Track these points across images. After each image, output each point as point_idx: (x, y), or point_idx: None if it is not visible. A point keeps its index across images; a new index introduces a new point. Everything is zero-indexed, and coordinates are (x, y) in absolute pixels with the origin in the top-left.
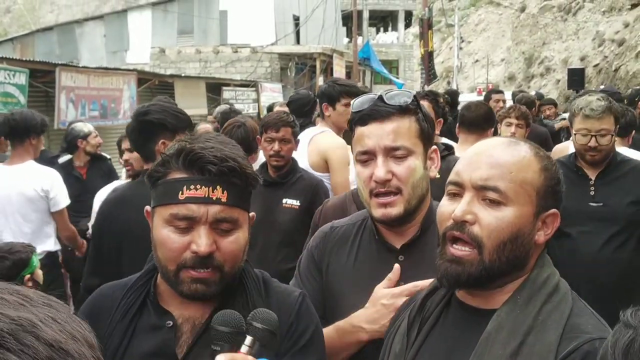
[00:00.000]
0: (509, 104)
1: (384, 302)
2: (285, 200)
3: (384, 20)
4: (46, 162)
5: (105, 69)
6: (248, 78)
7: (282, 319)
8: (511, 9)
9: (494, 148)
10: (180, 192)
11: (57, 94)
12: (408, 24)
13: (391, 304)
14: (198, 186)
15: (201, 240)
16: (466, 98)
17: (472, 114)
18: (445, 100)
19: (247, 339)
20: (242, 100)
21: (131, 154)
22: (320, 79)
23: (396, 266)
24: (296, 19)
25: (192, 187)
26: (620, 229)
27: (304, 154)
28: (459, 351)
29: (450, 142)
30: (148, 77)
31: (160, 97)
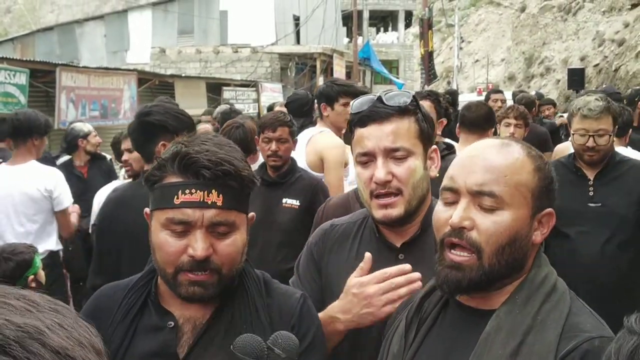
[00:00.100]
0: (509, 104)
1: (354, 291)
2: (285, 200)
3: (384, 20)
4: (46, 163)
5: (106, 69)
6: (248, 78)
7: (284, 321)
8: (511, 9)
9: (486, 151)
10: (176, 196)
11: (57, 94)
12: (408, 24)
13: (360, 292)
14: (193, 190)
15: (197, 244)
16: (466, 98)
17: (473, 114)
18: (447, 101)
19: None
20: (243, 100)
21: (130, 155)
22: (321, 79)
23: (367, 255)
24: (296, 19)
25: (187, 191)
26: (619, 229)
27: (302, 153)
28: (457, 352)
29: (452, 142)
30: (148, 77)
31: (162, 97)
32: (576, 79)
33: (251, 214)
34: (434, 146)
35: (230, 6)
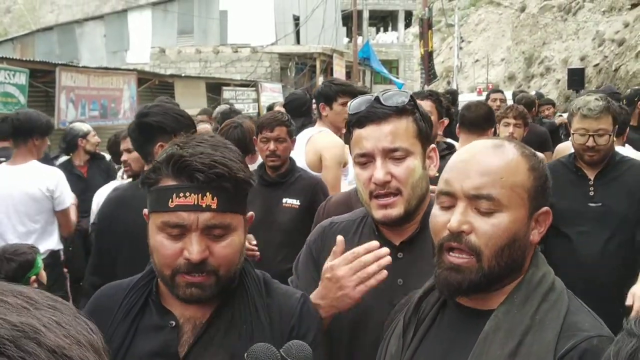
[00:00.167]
0: (509, 104)
1: (327, 275)
2: (285, 200)
3: (384, 20)
4: (45, 163)
5: (106, 69)
6: (248, 78)
7: (284, 321)
8: (511, 8)
9: (481, 153)
10: (170, 199)
11: (57, 94)
12: (408, 23)
13: (332, 275)
14: (187, 194)
15: (192, 247)
16: (466, 98)
17: (472, 114)
18: (448, 100)
19: None
20: (242, 100)
21: (129, 155)
22: (320, 79)
23: (339, 238)
24: (296, 19)
25: (181, 194)
26: (620, 229)
27: (301, 153)
28: (456, 352)
29: (453, 142)
30: (148, 77)
31: (163, 97)
32: (576, 78)
33: (250, 214)
34: (432, 145)
35: (230, 6)
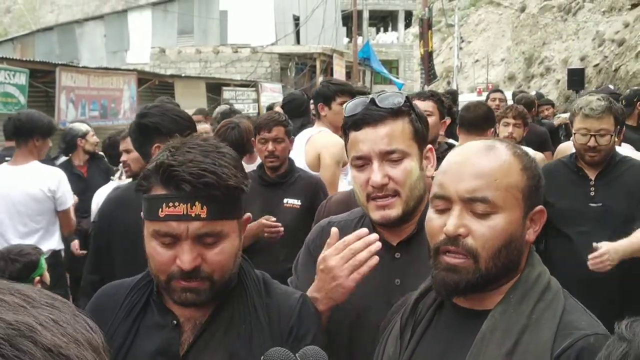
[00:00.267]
0: (509, 104)
1: (321, 267)
2: (286, 200)
3: (384, 20)
4: (46, 164)
5: (106, 69)
6: (248, 78)
7: (283, 321)
8: (511, 9)
9: (473, 156)
10: (160, 209)
11: (57, 94)
12: (408, 24)
13: (325, 267)
14: (177, 203)
15: (184, 256)
16: (466, 98)
17: (471, 114)
18: (449, 100)
19: None
20: (242, 100)
21: (128, 155)
22: (320, 79)
23: (334, 230)
24: (296, 19)
25: (170, 204)
26: (620, 229)
27: (301, 153)
28: (453, 353)
29: (454, 142)
30: (148, 77)
31: (163, 97)
32: (576, 79)
33: (247, 215)
34: (429, 145)
35: (230, 6)
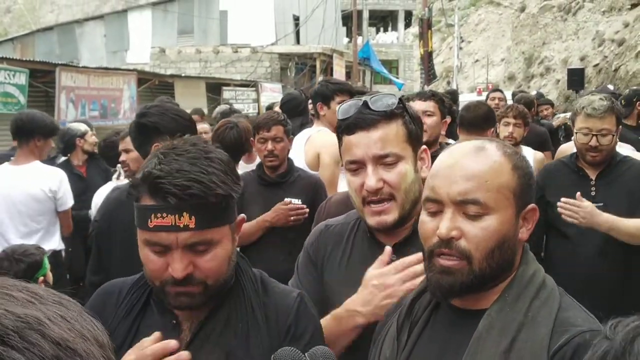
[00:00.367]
0: (509, 103)
1: (374, 282)
2: (286, 200)
3: (384, 20)
4: (46, 164)
5: (106, 69)
6: (248, 78)
7: (280, 320)
8: (511, 8)
9: (464, 157)
10: (149, 220)
11: (57, 94)
12: (408, 24)
13: (381, 283)
14: (164, 214)
15: (175, 265)
16: (466, 98)
17: (471, 114)
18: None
19: None
20: (242, 100)
21: (128, 155)
22: (320, 79)
23: (387, 248)
24: (296, 19)
25: (158, 215)
26: None
27: (301, 153)
28: (451, 352)
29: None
30: (148, 77)
31: (163, 97)
32: (576, 79)
33: (240, 216)
34: (424, 146)
35: (230, 6)
